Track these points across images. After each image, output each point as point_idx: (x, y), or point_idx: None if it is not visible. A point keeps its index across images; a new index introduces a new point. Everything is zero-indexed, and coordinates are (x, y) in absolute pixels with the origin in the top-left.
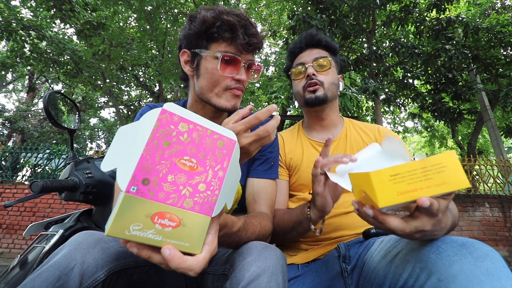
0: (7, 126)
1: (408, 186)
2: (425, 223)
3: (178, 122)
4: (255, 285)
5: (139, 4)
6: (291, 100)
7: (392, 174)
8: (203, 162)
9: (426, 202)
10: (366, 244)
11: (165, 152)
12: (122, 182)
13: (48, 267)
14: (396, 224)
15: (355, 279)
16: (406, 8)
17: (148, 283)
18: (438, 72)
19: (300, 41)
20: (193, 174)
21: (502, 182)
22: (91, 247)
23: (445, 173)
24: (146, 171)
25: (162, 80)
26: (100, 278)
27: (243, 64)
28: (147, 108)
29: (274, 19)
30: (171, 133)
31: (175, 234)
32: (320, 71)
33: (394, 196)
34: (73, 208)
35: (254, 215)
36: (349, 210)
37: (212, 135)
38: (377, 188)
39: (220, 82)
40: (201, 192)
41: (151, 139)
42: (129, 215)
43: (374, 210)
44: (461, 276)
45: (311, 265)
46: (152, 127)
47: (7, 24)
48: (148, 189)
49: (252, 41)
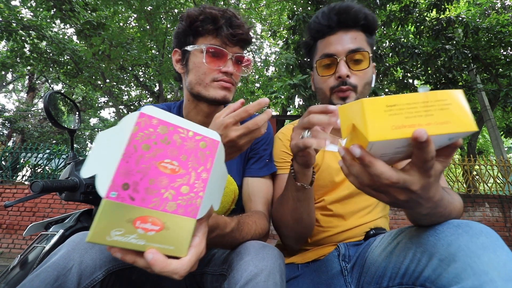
0: (7, 126)
1: (405, 120)
2: (414, 180)
3: (157, 125)
4: (252, 285)
5: (139, 4)
6: (291, 100)
7: (389, 104)
8: (185, 164)
9: (423, 135)
10: (366, 243)
11: (145, 155)
12: (102, 188)
13: (46, 268)
14: (384, 169)
15: (356, 277)
16: (406, 8)
17: (147, 283)
18: (438, 72)
19: (329, 16)
20: (174, 176)
21: (502, 182)
22: (89, 247)
23: (449, 111)
24: (126, 175)
25: (162, 80)
26: (98, 278)
27: (230, 56)
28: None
29: (274, 19)
30: (150, 137)
31: (159, 238)
32: (356, 70)
33: (387, 130)
34: (73, 208)
35: (249, 215)
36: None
37: (194, 136)
38: (369, 118)
39: (207, 74)
40: (184, 194)
41: (130, 143)
42: (109, 221)
43: (362, 149)
44: (460, 253)
45: (311, 265)
46: (130, 131)
47: (7, 24)
48: (128, 194)
49: (236, 32)
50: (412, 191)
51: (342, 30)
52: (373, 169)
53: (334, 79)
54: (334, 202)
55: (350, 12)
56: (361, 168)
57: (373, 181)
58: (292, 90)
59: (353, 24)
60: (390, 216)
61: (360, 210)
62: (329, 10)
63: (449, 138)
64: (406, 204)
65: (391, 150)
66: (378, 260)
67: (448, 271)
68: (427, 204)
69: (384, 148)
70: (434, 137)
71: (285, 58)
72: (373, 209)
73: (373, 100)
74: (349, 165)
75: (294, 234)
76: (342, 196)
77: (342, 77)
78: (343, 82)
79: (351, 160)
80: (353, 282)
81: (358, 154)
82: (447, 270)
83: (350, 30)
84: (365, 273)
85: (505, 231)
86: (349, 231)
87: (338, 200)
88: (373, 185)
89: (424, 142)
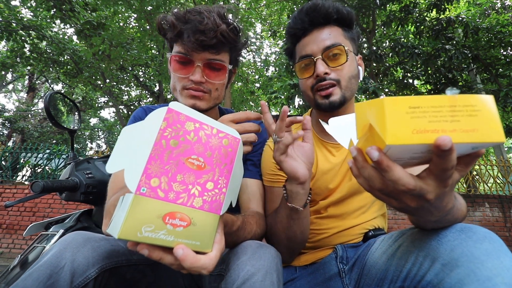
0: (7, 126)
1: (428, 125)
2: (430, 189)
3: (185, 121)
4: (249, 284)
5: (139, 4)
6: (291, 100)
7: (412, 105)
8: (210, 160)
9: (447, 143)
10: (366, 245)
11: (173, 151)
12: (132, 184)
13: (39, 267)
14: (402, 175)
15: (354, 279)
16: (406, 8)
17: (143, 282)
18: (438, 72)
19: (302, 18)
20: (201, 173)
21: (502, 182)
22: (80, 246)
23: (477, 118)
24: (156, 171)
25: (162, 80)
26: (92, 275)
27: (198, 64)
28: (141, 110)
29: (274, 19)
30: (178, 132)
31: (186, 234)
32: (334, 66)
33: (407, 134)
34: (73, 208)
35: (251, 215)
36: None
37: (218, 133)
38: (389, 119)
39: (178, 82)
40: (209, 190)
41: (159, 139)
42: (140, 217)
43: (381, 152)
44: (463, 259)
45: (309, 267)
46: (159, 126)
47: (7, 24)
48: (158, 190)
49: (199, 38)
50: (426, 200)
51: (316, 29)
52: (390, 174)
53: (313, 78)
54: (329, 205)
55: (320, 9)
56: (374, 171)
57: (385, 186)
58: (292, 90)
59: (325, 20)
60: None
61: (356, 211)
62: (299, 13)
63: (473, 147)
64: (416, 211)
65: (408, 155)
66: (378, 262)
67: (451, 276)
68: (438, 213)
69: (400, 153)
70: (458, 145)
71: (285, 58)
72: (368, 208)
73: (395, 99)
74: (360, 167)
75: (286, 250)
76: (336, 199)
77: (319, 75)
78: (322, 79)
79: (364, 162)
80: (351, 284)
81: (376, 158)
82: (449, 275)
83: (324, 27)
84: (365, 275)
85: (505, 231)
86: (346, 231)
87: (333, 203)
88: (384, 189)
89: (447, 151)
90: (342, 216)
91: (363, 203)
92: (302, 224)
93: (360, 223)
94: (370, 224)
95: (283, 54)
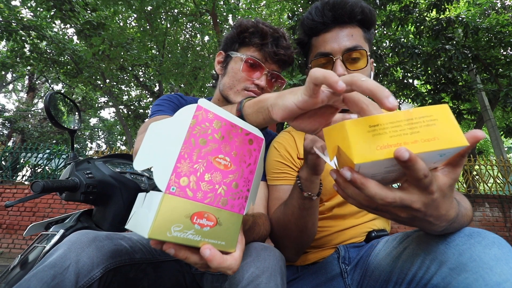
0: (7, 126)
1: (390, 140)
2: (413, 198)
3: (213, 119)
4: (253, 286)
5: (139, 4)
6: None
7: (372, 124)
8: (236, 160)
9: (404, 153)
10: (369, 246)
11: (202, 150)
12: (161, 182)
13: (43, 267)
14: (377, 190)
15: (356, 279)
16: (406, 8)
17: (145, 281)
18: (438, 72)
19: (323, 12)
20: (227, 172)
21: (502, 182)
22: (85, 246)
23: (436, 127)
24: (185, 170)
25: (162, 80)
26: (96, 276)
27: (266, 72)
28: (173, 95)
29: (274, 19)
30: (206, 131)
31: (213, 233)
32: (353, 69)
33: (372, 151)
34: (73, 208)
35: (258, 216)
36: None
37: (243, 133)
38: (353, 140)
39: (240, 82)
40: (234, 190)
41: (189, 137)
42: (170, 216)
43: (353, 171)
44: (472, 264)
45: (311, 267)
46: (188, 124)
47: (7, 24)
48: (187, 189)
49: (279, 51)
50: (414, 209)
51: (338, 26)
52: (366, 191)
53: None
54: (334, 207)
55: (346, 6)
56: (355, 189)
57: (370, 202)
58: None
59: (349, 19)
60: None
61: (359, 211)
62: (323, 6)
63: (441, 155)
64: (412, 222)
65: (381, 170)
66: (382, 264)
67: (458, 280)
68: (441, 223)
69: (373, 169)
70: (423, 155)
71: None
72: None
73: (355, 121)
74: (343, 188)
75: (295, 244)
76: (340, 201)
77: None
78: None
79: (344, 183)
80: (354, 284)
81: (349, 177)
82: (457, 279)
83: (346, 26)
84: (368, 277)
85: (505, 231)
86: (348, 230)
87: (338, 204)
88: (371, 205)
89: (407, 161)
90: (345, 216)
91: None
92: (314, 215)
93: (362, 223)
94: (373, 223)
95: None
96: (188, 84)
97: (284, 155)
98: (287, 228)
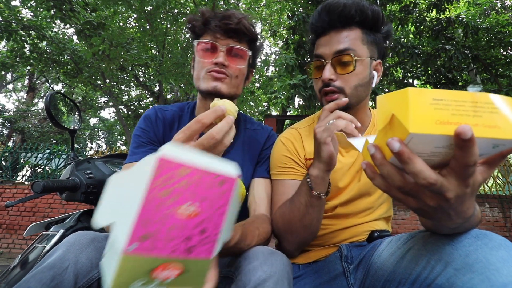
0: (7, 126)
1: (451, 117)
2: (450, 187)
3: (178, 167)
4: None
5: (139, 4)
6: (291, 100)
7: (436, 97)
8: (204, 205)
9: (468, 131)
10: (371, 245)
11: (165, 202)
12: (121, 241)
13: (42, 268)
14: (424, 167)
15: (359, 279)
16: (406, 8)
17: None
18: (438, 72)
19: (321, 16)
20: (193, 220)
21: (502, 182)
22: (84, 247)
23: (498, 116)
24: (146, 225)
25: (162, 80)
26: (95, 276)
27: (221, 48)
28: (152, 111)
29: (274, 19)
30: (170, 181)
31: (178, 281)
32: (342, 72)
33: (431, 124)
34: (73, 208)
35: (251, 221)
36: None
37: (213, 175)
38: (413, 108)
39: (202, 68)
40: (201, 236)
41: (149, 191)
42: (130, 274)
43: (402, 143)
44: (478, 265)
45: (312, 265)
46: (149, 177)
47: (7, 24)
48: (148, 244)
49: (224, 22)
50: (445, 198)
51: (334, 30)
52: (411, 166)
53: (321, 82)
54: (337, 206)
55: (343, 10)
56: (393, 168)
57: (405, 183)
58: (292, 90)
59: (345, 23)
60: None
61: (362, 211)
62: (320, 10)
63: (494, 146)
64: (434, 212)
65: (429, 149)
66: (386, 264)
67: (464, 280)
68: (458, 219)
69: (422, 145)
70: (479, 141)
71: (284, 59)
72: (374, 210)
73: (419, 90)
74: (379, 164)
75: (299, 240)
76: (345, 199)
77: (324, 81)
78: (326, 85)
79: (382, 159)
80: (356, 283)
81: (398, 148)
82: (462, 280)
83: (343, 29)
84: (371, 276)
85: (505, 231)
86: (350, 229)
87: (341, 203)
88: (404, 187)
89: (467, 141)
90: (348, 215)
91: (370, 205)
92: (319, 212)
93: (364, 222)
94: (375, 224)
95: (283, 54)
96: (188, 84)
97: (292, 150)
98: (292, 223)
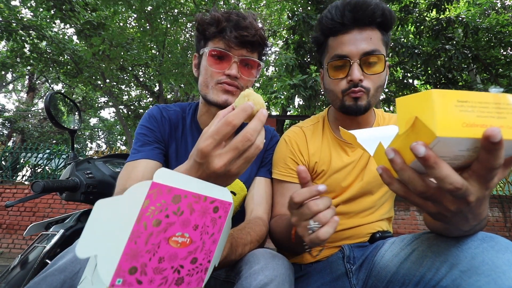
0: (7, 126)
1: (477, 119)
2: (472, 189)
3: (171, 194)
4: None
5: (139, 4)
6: (291, 100)
7: (460, 99)
8: (196, 234)
9: (497, 134)
10: (374, 246)
11: (155, 232)
12: (106, 275)
13: (53, 271)
14: (450, 171)
15: (362, 279)
16: (406, 8)
17: None
18: (438, 72)
19: (344, 12)
20: (185, 250)
21: (502, 182)
22: None
23: None
24: (133, 258)
25: (162, 80)
26: None
27: (235, 59)
28: (156, 109)
29: (274, 19)
30: (161, 210)
31: None
32: (370, 73)
33: (457, 126)
34: (73, 208)
35: (241, 228)
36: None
37: (207, 201)
38: (439, 110)
39: (212, 77)
40: (192, 266)
41: (139, 221)
42: None
43: (427, 147)
44: (484, 267)
45: (314, 265)
46: (140, 205)
47: (7, 24)
48: (135, 278)
49: (241, 34)
50: (467, 202)
51: (357, 28)
52: (437, 171)
53: (346, 82)
54: (339, 204)
55: (367, 8)
56: (414, 173)
57: (427, 187)
58: (292, 90)
59: (369, 22)
60: None
61: (364, 211)
62: (343, 6)
63: None
64: (453, 216)
65: (453, 152)
66: (389, 265)
67: (469, 282)
68: (474, 221)
69: (447, 148)
70: (506, 142)
71: (284, 59)
72: (375, 210)
73: (443, 92)
74: (399, 169)
75: (294, 251)
76: (347, 197)
77: (354, 81)
78: (355, 85)
79: (403, 164)
80: (359, 284)
81: (423, 153)
82: (468, 282)
83: (365, 28)
84: (373, 277)
85: (505, 231)
86: (351, 229)
87: (343, 201)
88: (426, 192)
89: (496, 144)
90: (349, 214)
91: (372, 204)
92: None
93: (366, 223)
94: (377, 225)
95: (282, 54)
96: (188, 84)
97: (295, 151)
98: (284, 243)
